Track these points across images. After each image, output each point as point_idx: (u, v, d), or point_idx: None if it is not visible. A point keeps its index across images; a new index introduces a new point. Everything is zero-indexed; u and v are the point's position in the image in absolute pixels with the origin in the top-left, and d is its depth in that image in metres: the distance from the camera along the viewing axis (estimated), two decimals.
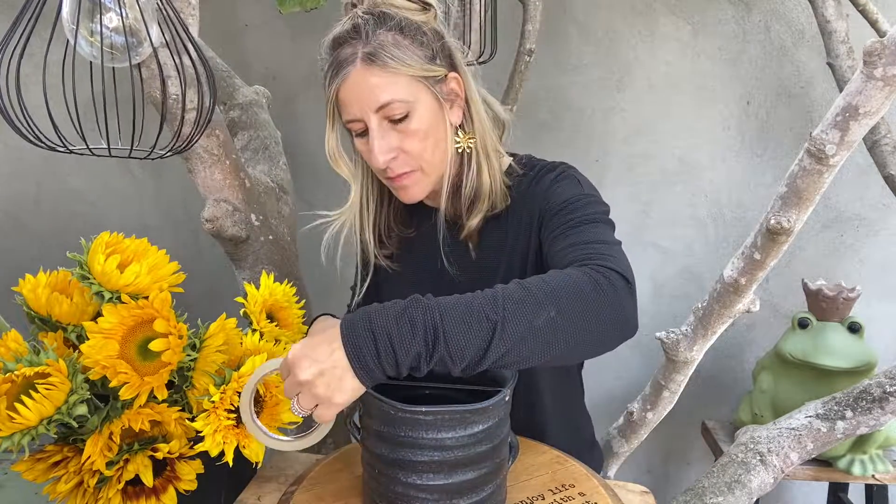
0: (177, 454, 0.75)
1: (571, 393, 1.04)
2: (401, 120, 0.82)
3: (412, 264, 0.98)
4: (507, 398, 0.68)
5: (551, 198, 0.85)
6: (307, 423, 0.70)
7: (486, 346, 0.60)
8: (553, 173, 0.89)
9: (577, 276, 0.66)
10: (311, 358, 0.60)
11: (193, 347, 0.76)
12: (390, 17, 0.82)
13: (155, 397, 0.74)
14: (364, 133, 0.85)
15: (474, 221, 0.89)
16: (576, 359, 0.68)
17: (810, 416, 1.13)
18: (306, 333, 0.96)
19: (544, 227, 0.84)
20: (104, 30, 0.78)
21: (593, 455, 1.07)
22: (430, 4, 0.86)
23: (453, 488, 0.65)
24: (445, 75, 0.85)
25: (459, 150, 0.88)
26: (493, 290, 0.64)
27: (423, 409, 0.62)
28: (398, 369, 0.60)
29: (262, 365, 0.68)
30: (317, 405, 0.61)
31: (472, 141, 0.88)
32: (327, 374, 0.59)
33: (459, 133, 0.88)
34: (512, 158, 0.94)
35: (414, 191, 0.88)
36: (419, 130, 0.83)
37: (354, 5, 0.85)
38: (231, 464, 0.71)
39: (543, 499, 0.76)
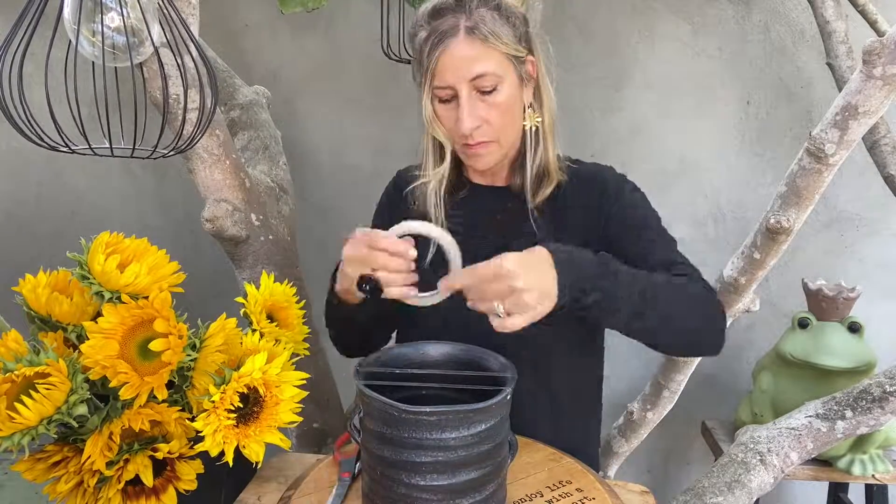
0: (177, 454, 0.75)
1: (586, 396, 1.05)
2: (489, 92, 0.89)
3: (476, 236, 0.98)
4: (508, 397, 0.68)
5: (629, 206, 0.97)
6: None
7: (630, 315, 0.79)
8: (624, 180, 1.01)
9: (706, 295, 0.89)
10: (532, 271, 0.72)
11: (193, 347, 0.76)
12: None
13: (155, 397, 0.74)
14: (450, 100, 0.91)
15: (547, 191, 0.97)
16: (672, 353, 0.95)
17: (810, 416, 1.13)
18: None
19: (623, 234, 0.95)
20: (106, 30, 0.78)
21: (595, 456, 1.07)
22: None
23: (457, 488, 0.65)
24: (526, 57, 0.93)
25: (527, 127, 0.96)
26: (647, 274, 0.82)
27: (427, 410, 0.62)
28: (578, 298, 0.75)
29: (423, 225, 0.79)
30: (511, 309, 0.71)
31: (538, 120, 0.96)
32: (539, 288, 0.71)
33: (528, 111, 0.96)
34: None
35: (487, 159, 0.95)
36: (503, 104, 0.90)
37: None
38: (231, 464, 0.71)
39: (542, 496, 0.76)
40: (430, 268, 0.90)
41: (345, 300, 0.90)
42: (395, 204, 1.05)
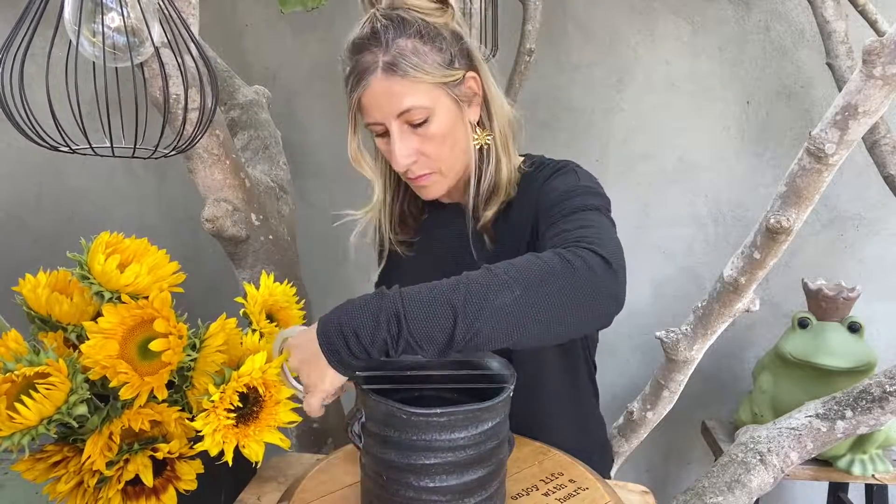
0: (177, 454, 0.75)
1: (580, 394, 1.04)
2: (420, 124, 0.85)
3: (430, 255, 1.00)
4: (511, 394, 0.68)
5: (548, 190, 0.87)
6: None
7: (450, 328, 0.62)
8: (556, 168, 0.91)
9: (548, 257, 0.67)
10: (299, 348, 0.70)
11: (193, 347, 0.76)
12: (409, 24, 0.83)
13: (155, 397, 0.74)
14: (385, 134, 0.88)
15: (490, 213, 0.92)
16: (557, 338, 0.69)
17: (810, 416, 1.13)
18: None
19: (541, 218, 0.85)
20: (106, 30, 0.78)
21: (604, 458, 1.07)
22: (448, 4, 0.87)
23: (465, 487, 0.66)
24: (464, 76, 0.87)
25: (478, 147, 0.91)
26: (457, 276, 0.67)
27: (438, 411, 0.62)
28: (368, 355, 0.64)
29: (282, 332, 0.78)
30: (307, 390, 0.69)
31: (489, 137, 0.91)
32: (311, 364, 0.68)
33: (477, 130, 0.91)
34: (522, 159, 0.96)
35: (433, 190, 0.92)
36: (438, 134, 0.86)
37: (373, 4, 0.86)
38: (231, 464, 0.71)
39: (537, 489, 0.77)
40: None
41: None
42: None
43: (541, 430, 0.92)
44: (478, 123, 0.91)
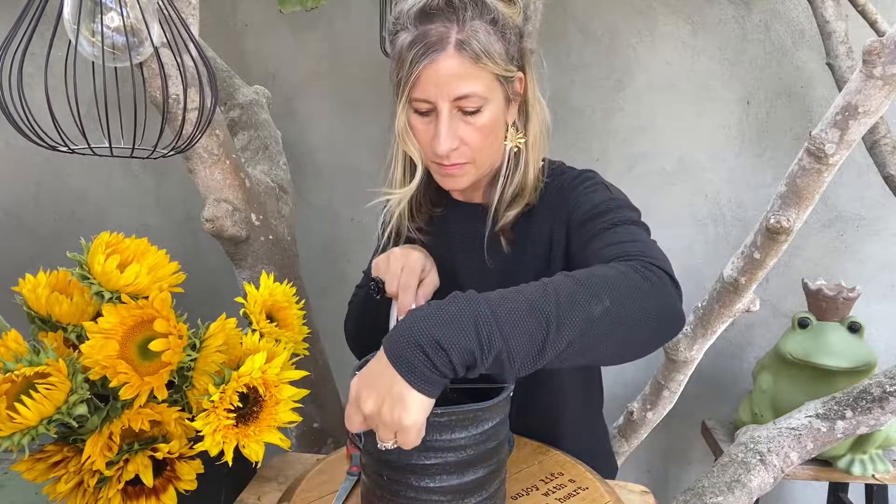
0: (177, 454, 0.75)
1: (592, 402, 1.04)
2: (471, 112, 0.82)
3: (444, 250, 0.97)
4: (511, 393, 0.68)
5: (581, 203, 0.86)
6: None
7: (543, 338, 0.57)
8: (582, 179, 0.90)
9: (625, 269, 0.65)
10: (369, 386, 0.57)
11: (193, 347, 0.76)
12: (488, 8, 0.80)
13: (155, 397, 0.74)
14: (427, 113, 0.83)
15: (511, 214, 0.90)
16: (634, 354, 0.66)
17: (810, 416, 1.13)
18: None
19: (574, 232, 0.84)
20: (105, 29, 0.78)
21: (608, 464, 1.07)
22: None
23: (465, 487, 0.66)
24: (515, 75, 0.85)
25: (508, 148, 0.89)
26: (540, 283, 0.61)
27: (439, 411, 0.62)
28: (455, 371, 0.56)
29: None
30: (396, 432, 0.57)
31: (521, 140, 0.89)
32: (388, 399, 0.56)
33: (510, 131, 0.89)
34: (542, 164, 0.95)
35: (461, 180, 0.88)
36: (485, 126, 0.83)
37: None
38: (231, 464, 0.71)
39: (537, 489, 0.77)
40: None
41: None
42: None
43: (559, 440, 0.92)
44: (512, 124, 0.89)
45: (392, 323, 0.80)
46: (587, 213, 0.83)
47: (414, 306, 0.78)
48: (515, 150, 0.89)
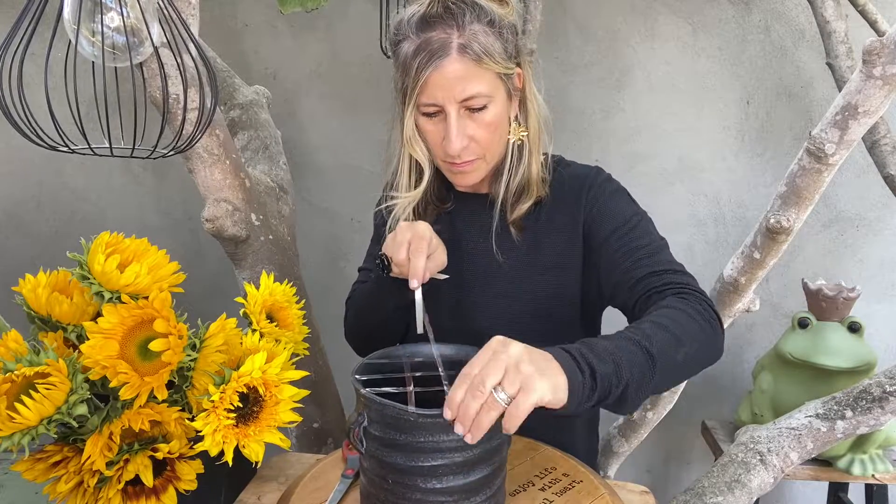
0: (177, 454, 0.75)
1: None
2: (478, 110, 0.86)
3: (454, 244, 0.98)
4: None
5: (607, 210, 0.92)
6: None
7: (650, 376, 0.66)
8: (603, 180, 0.95)
9: (692, 312, 0.75)
10: (528, 348, 0.61)
11: (193, 347, 0.76)
12: (484, 10, 0.84)
13: (155, 397, 0.74)
14: (435, 115, 0.87)
15: (524, 206, 0.94)
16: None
17: (810, 416, 1.13)
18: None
19: (603, 241, 0.90)
20: (105, 29, 0.78)
21: (591, 462, 1.07)
22: None
23: (471, 487, 0.66)
24: (514, 71, 0.89)
25: (512, 141, 0.93)
26: (639, 328, 0.70)
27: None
28: (592, 392, 0.63)
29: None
30: (518, 391, 0.58)
31: (524, 133, 0.93)
32: (540, 363, 0.60)
33: (513, 125, 0.93)
34: (543, 158, 0.98)
35: (472, 176, 0.92)
36: (492, 122, 0.87)
37: None
38: (231, 464, 0.71)
39: (534, 485, 0.78)
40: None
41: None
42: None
43: (561, 433, 0.93)
44: (515, 119, 0.93)
45: (419, 310, 0.81)
46: (618, 225, 0.90)
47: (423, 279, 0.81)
48: (518, 143, 0.93)
